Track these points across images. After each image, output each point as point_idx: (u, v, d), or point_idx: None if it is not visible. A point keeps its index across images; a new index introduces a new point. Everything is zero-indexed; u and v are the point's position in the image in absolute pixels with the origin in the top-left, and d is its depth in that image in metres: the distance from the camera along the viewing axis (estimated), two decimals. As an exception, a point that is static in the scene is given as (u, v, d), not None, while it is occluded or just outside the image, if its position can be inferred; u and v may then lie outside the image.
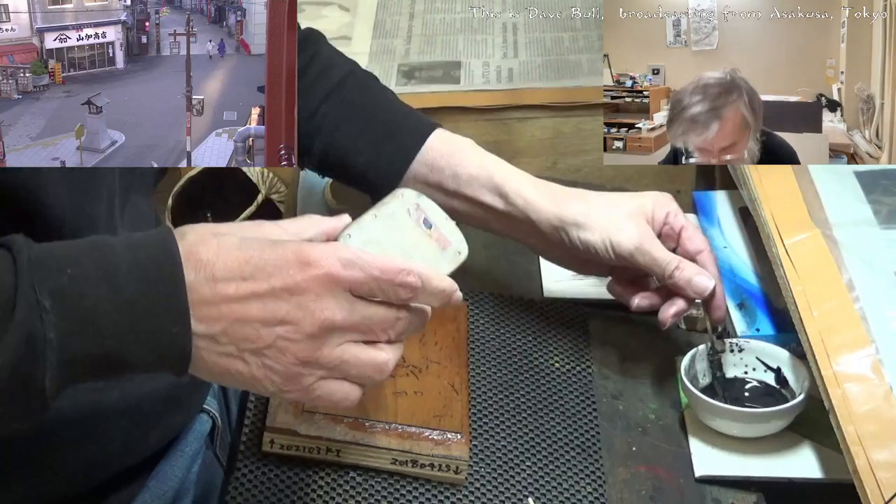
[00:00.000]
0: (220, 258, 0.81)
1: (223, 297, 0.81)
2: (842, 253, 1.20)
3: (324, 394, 0.85)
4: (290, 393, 0.85)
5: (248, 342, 0.82)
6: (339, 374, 0.85)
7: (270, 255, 0.82)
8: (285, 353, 0.82)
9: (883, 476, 0.99)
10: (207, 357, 0.82)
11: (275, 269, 0.82)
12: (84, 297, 0.77)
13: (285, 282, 0.82)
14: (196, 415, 1.14)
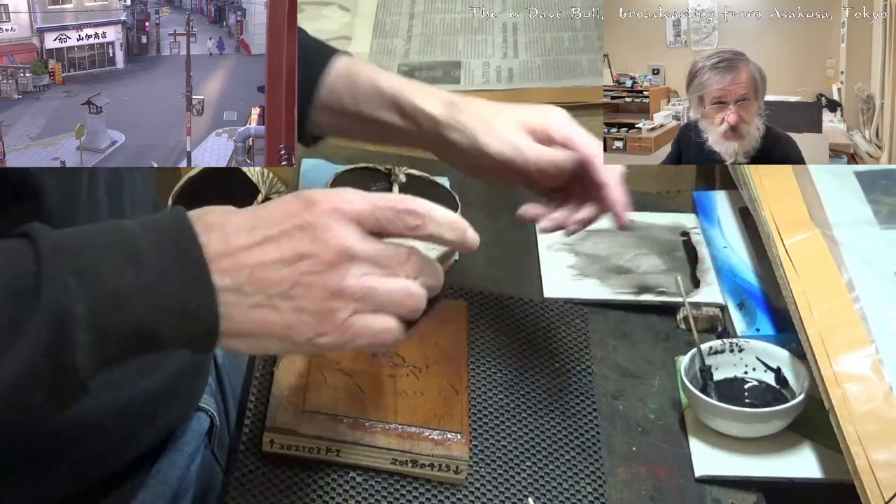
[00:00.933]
0: (227, 219, 0.83)
1: (238, 246, 0.81)
2: (842, 253, 1.20)
3: (361, 328, 0.84)
4: (326, 336, 0.83)
5: (273, 286, 0.82)
6: (371, 304, 0.84)
7: (274, 206, 0.84)
8: (312, 287, 0.82)
9: (883, 476, 0.99)
10: (238, 314, 0.81)
11: (281, 215, 0.83)
12: (107, 275, 0.77)
13: (294, 222, 0.83)
14: (193, 411, 1.14)
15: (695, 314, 1.27)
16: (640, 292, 1.32)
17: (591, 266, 1.36)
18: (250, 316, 0.82)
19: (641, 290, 1.33)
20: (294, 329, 0.83)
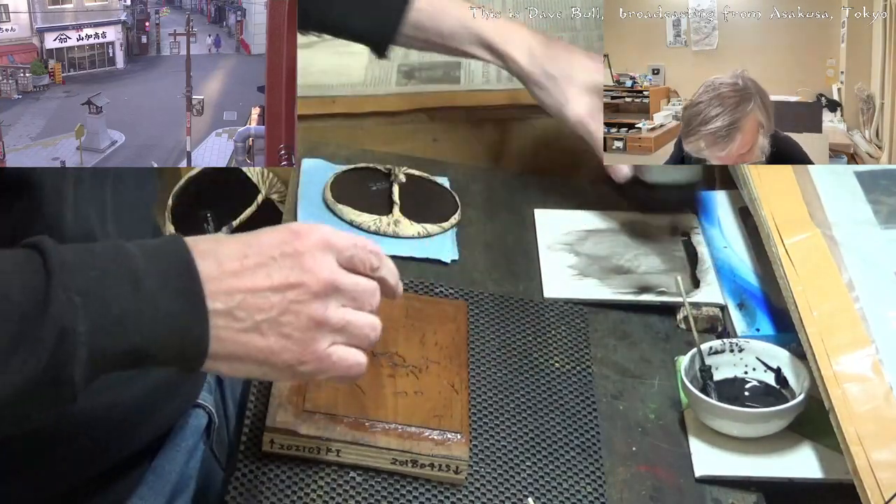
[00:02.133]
0: (219, 246, 0.86)
1: (229, 272, 0.85)
2: (842, 253, 1.20)
3: (338, 359, 0.89)
4: (306, 364, 0.88)
5: (262, 312, 0.86)
6: (347, 337, 0.90)
7: (264, 235, 0.88)
8: (299, 315, 0.87)
9: (883, 476, 0.99)
10: (226, 336, 0.85)
11: (271, 244, 0.87)
12: (110, 297, 0.81)
13: (284, 250, 0.87)
14: (190, 406, 1.14)
15: (695, 314, 1.27)
16: (640, 292, 1.32)
17: (591, 266, 1.36)
18: (238, 339, 0.85)
19: (641, 290, 1.33)
20: (277, 355, 0.87)
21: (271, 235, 0.88)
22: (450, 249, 1.36)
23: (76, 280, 0.80)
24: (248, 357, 0.86)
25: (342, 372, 0.90)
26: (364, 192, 1.41)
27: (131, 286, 0.81)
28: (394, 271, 0.95)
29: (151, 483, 1.07)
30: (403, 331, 1.16)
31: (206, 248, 0.85)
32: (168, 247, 0.85)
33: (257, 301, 0.86)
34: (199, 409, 1.15)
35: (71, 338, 0.79)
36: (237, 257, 0.86)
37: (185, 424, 1.12)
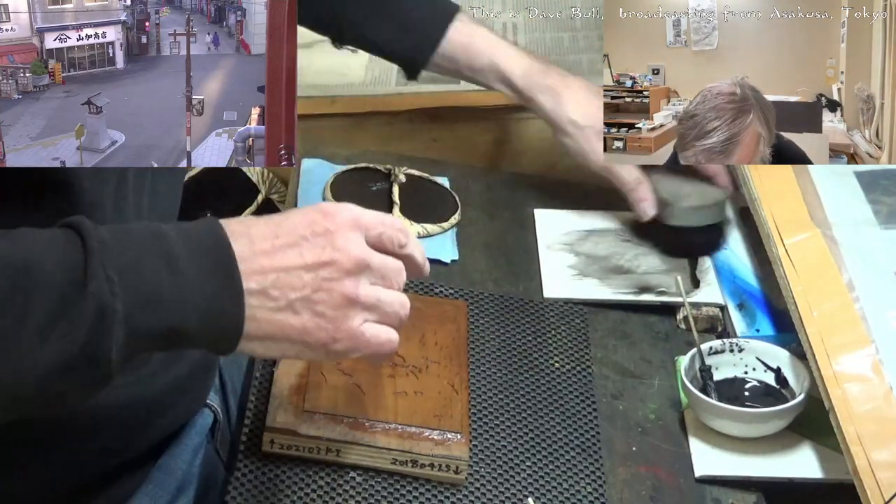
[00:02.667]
0: (250, 227, 0.87)
1: (262, 251, 0.86)
2: (842, 253, 1.20)
3: (371, 336, 0.90)
4: (340, 342, 0.88)
5: (295, 290, 0.86)
6: (378, 314, 0.91)
7: (294, 215, 0.89)
8: (332, 293, 0.87)
9: (883, 476, 0.99)
10: (261, 316, 0.85)
11: (302, 224, 0.88)
12: (146, 276, 0.81)
13: (315, 230, 0.88)
14: (201, 406, 1.14)
15: (695, 314, 1.27)
16: (640, 292, 1.32)
17: (591, 266, 1.36)
18: (272, 319, 0.86)
19: (641, 290, 1.32)
20: (311, 334, 0.87)
21: (301, 216, 0.89)
22: (450, 249, 1.36)
23: (114, 259, 0.80)
24: (282, 336, 0.87)
25: (375, 349, 0.90)
26: (364, 192, 1.41)
27: (168, 266, 0.82)
28: (420, 249, 0.96)
29: (157, 480, 1.08)
30: (403, 331, 1.15)
31: (238, 229, 0.86)
32: (203, 228, 0.86)
33: (290, 280, 0.86)
34: (206, 409, 1.15)
35: (109, 315, 0.79)
36: (269, 237, 0.87)
37: (193, 423, 1.13)
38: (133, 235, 0.83)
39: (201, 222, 0.87)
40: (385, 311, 0.91)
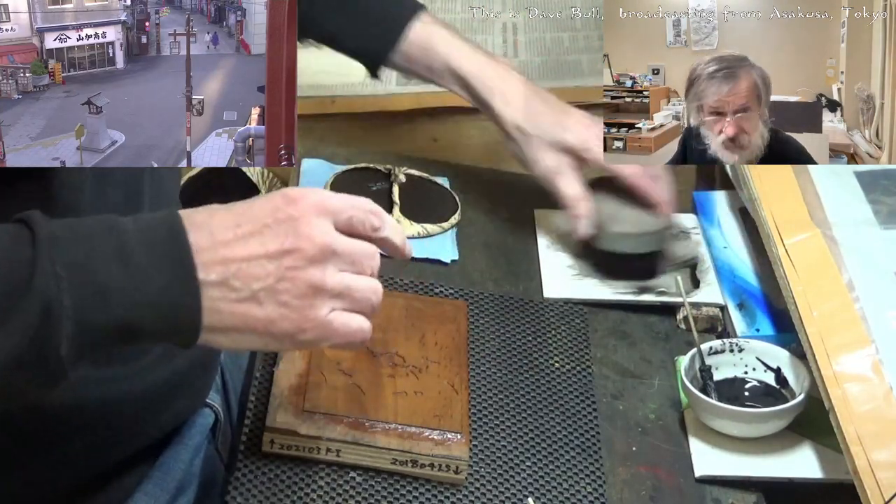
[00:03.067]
0: (212, 216, 0.86)
1: (222, 242, 0.84)
2: (842, 253, 1.20)
3: (340, 325, 0.88)
4: (307, 332, 0.87)
5: (258, 280, 0.85)
6: (348, 302, 0.88)
7: (257, 202, 0.87)
8: (296, 281, 0.86)
9: (883, 476, 0.99)
10: (223, 308, 0.84)
11: (265, 210, 0.86)
12: (97, 270, 0.80)
13: (277, 216, 0.86)
14: (202, 402, 1.14)
15: (695, 314, 1.27)
16: (640, 292, 1.32)
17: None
18: (235, 310, 0.84)
19: (641, 290, 1.32)
20: (276, 324, 0.86)
21: (264, 203, 0.87)
22: (450, 249, 1.36)
23: (63, 253, 0.80)
24: (246, 328, 0.85)
25: (345, 338, 0.89)
26: (364, 192, 1.40)
27: (119, 259, 0.81)
28: (398, 230, 0.94)
29: (157, 480, 1.08)
30: (403, 331, 1.16)
31: (199, 219, 0.85)
32: (161, 220, 0.84)
33: (253, 270, 0.84)
34: (207, 408, 1.15)
35: (57, 311, 0.78)
36: (230, 227, 0.85)
37: (193, 422, 1.13)
38: (86, 229, 0.82)
39: (161, 213, 0.85)
40: (355, 298, 0.89)
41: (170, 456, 1.09)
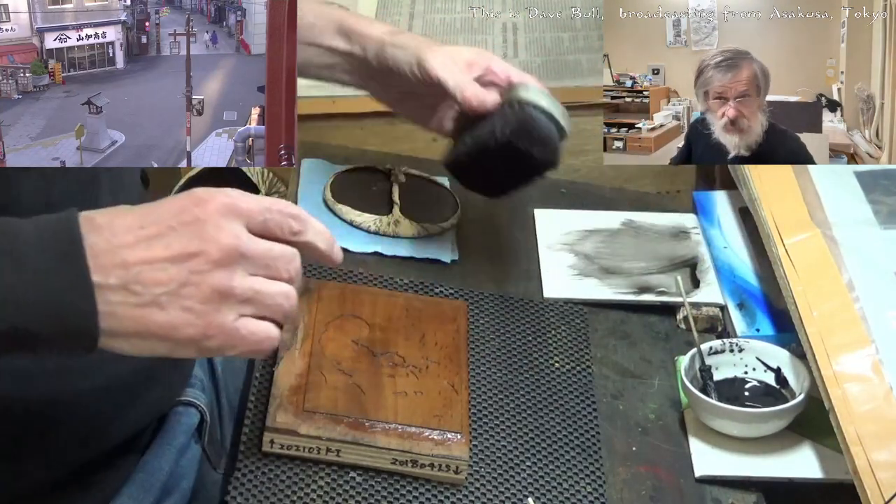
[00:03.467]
0: (115, 218, 0.83)
1: (123, 244, 0.81)
2: (842, 253, 1.20)
3: (248, 333, 0.84)
4: (212, 339, 0.83)
5: (160, 285, 0.82)
6: (256, 307, 0.85)
7: (164, 203, 0.84)
8: (200, 286, 0.82)
9: (883, 476, 0.99)
10: (123, 312, 0.81)
11: (170, 212, 0.83)
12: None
13: (183, 218, 0.83)
14: (178, 394, 1.13)
15: (695, 314, 1.27)
16: (640, 292, 1.32)
17: (590, 266, 1.36)
18: (135, 315, 0.81)
19: (641, 290, 1.33)
20: (179, 330, 0.82)
21: (171, 204, 0.84)
22: (450, 249, 1.36)
23: None
24: (148, 333, 0.82)
25: (252, 346, 0.85)
26: (364, 192, 1.41)
27: (13, 263, 0.78)
28: (324, 234, 0.89)
29: (140, 481, 1.07)
30: (403, 331, 1.16)
31: (101, 221, 0.82)
32: (58, 221, 0.81)
33: (154, 274, 0.81)
34: (192, 408, 1.15)
35: None
36: (133, 228, 0.82)
37: (177, 423, 1.12)
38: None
39: (62, 213, 0.82)
40: (265, 303, 0.84)
41: (152, 457, 1.09)
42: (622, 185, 1.73)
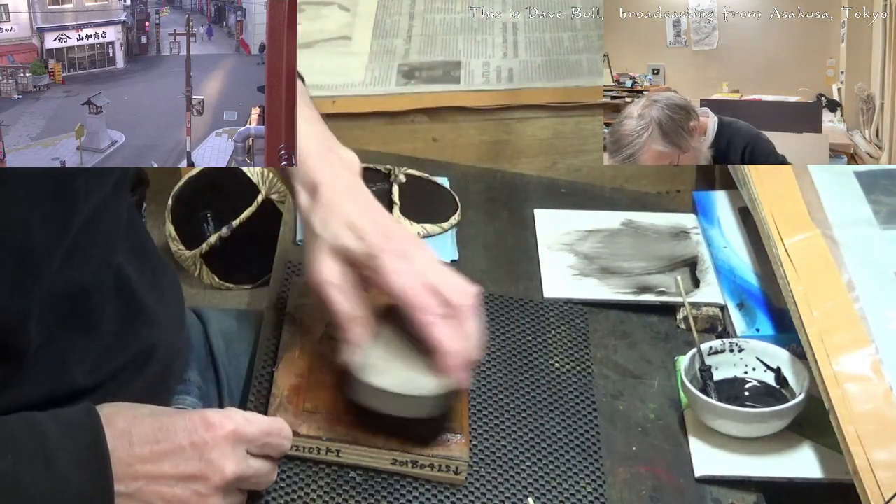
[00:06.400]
0: (135, 425, 0.93)
1: (139, 457, 0.92)
2: (842, 253, 1.20)
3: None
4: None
5: (163, 500, 0.92)
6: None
7: (179, 419, 0.94)
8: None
9: (883, 476, 1.00)
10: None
11: (184, 431, 0.93)
12: (22, 480, 0.87)
13: (193, 440, 0.93)
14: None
15: (695, 314, 1.27)
16: (640, 292, 1.32)
17: (590, 266, 1.36)
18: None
19: (641, 290, 1.33)
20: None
21: (185, 421, 0.93)
22: (450, 249, 1.36)
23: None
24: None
25: None
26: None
27: (44, 466, 0.87)
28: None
29: None
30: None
31: (122, 427, 0.91)
32: (83, 424, 0.91)
33: (162, 488, 0.92)
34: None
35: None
36: (149, 441, 0.92)
37: None
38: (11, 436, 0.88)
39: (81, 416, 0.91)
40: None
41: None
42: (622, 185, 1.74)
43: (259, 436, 0.96)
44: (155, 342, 1.10)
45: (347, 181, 1.11)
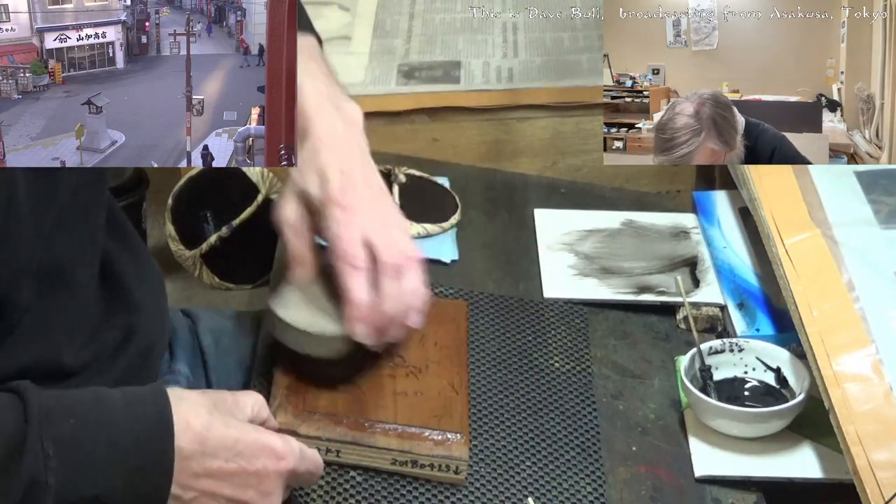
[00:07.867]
0: (210, 432, 0.92)
1: (207, 470, 0.92)
2: (842, 253, 1.20)
3: None
4: None
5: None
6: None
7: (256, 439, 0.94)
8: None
9: (883, 476, 1.00)
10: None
11: (252, 455, 0.93)
12: (84, 446, 0.87)
13: (257, 468, 0.93)
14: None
15: (695, 314, 1.27)
16: (640, 292, 1.32)
17: (590, 266, 1.36)
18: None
19: (641, 290, 1.33)
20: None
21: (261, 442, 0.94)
22: (450, 249, 1.36)
23: (54, 428, 0.86)
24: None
25: None
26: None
27: (106, 437, 0.87)
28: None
29: None
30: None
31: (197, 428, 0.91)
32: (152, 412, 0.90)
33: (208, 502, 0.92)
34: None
35: (42, 490, 0.84)
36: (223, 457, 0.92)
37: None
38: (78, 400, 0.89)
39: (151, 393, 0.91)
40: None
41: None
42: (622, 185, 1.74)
43: (308, 477, 0.98)
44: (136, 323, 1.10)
45: (338, 133, 1.12)
